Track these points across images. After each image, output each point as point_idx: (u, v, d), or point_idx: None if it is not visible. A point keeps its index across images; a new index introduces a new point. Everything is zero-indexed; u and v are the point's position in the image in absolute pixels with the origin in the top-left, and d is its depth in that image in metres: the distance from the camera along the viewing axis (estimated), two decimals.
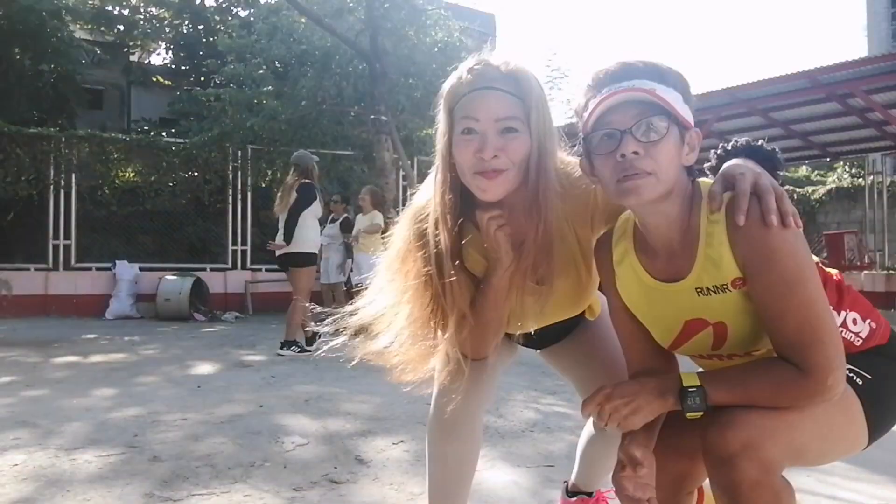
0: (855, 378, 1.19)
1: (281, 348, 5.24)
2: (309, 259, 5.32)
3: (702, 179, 1.23)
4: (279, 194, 5.50)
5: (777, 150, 1.25)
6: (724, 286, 1.14)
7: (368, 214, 6.97)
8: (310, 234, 5.30)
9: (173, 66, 17.20)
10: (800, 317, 1.07)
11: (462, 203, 1.34)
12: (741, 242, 1.11)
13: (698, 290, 1.17)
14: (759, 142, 1.26)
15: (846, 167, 16.57)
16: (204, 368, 4.71)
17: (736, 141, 1.28)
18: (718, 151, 1.29)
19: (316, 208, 5.33)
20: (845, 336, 1.20)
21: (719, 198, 1.14)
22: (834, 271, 1.29)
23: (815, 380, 1.06)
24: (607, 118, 1.11)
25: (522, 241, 1.34)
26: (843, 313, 1.23)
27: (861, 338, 1.23)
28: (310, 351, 5.08)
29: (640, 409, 1.14)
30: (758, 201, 1.11)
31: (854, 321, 1.24)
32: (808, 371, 1.06)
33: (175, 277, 8.96)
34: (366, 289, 1.48)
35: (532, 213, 1.30)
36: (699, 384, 1.11)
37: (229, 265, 10.22)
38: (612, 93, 1.10)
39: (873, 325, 1.25)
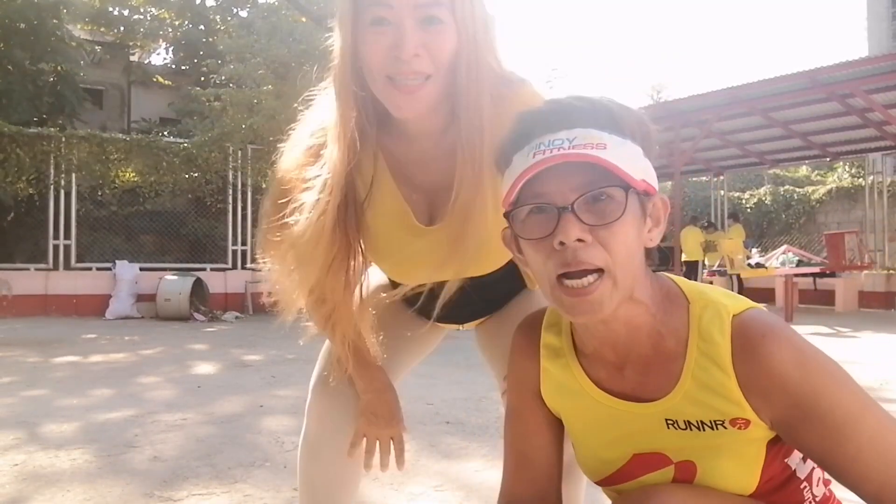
0: None
1: None
2: None
3: (669, 275, 0.93)
4: None
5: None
6: (719, 422, 0.83)
7: None
8: None
9: (173, 66, 17.24)
10: (886, 454, 0.78)
11: (371, 117, 1.06)
12: (764, 391, 0.80)
13: (670, 422, 0.86)
14: None
15: (846, 167, 16.59)
16: (204, 368, 4.72)
17: None
18: None
19: None
20: (804, 495, 0.90)
21: None
22: None
23: None
24: (538, 187, 0.79)
25: (439, 186, 1.08)
26: (815, 467, 0.91)
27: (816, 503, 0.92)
28: None
29: None
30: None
31: (819, 482, 0.92)
32: None
33: (175, 277, 8.97)
34: None
35: (458, 139, 1.01)
36: None
37: (229, 265, 10.22)
38: (543, 159, 0.77)
39: (828, 495, 0.94)
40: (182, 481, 2.20)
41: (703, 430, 0.84)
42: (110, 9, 15.90)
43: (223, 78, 11.09)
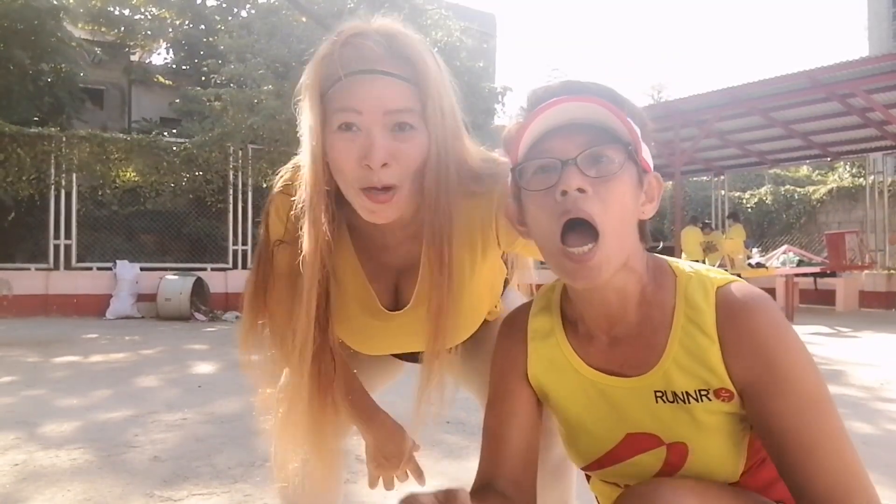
0: None
1: None
2: None
3: (661, 256, 0.98)
4: None
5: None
6: (704, 393, 0.86)
7: None
8: None
9: (174, 66, 17.22)
10: (838, 456, 0.79)
11: (341, 207, 1.05)
12: (743, 353, 0.83)
13: (659, 394, 0.88)
14: None
15: (847, 167, 16.57)
16: (204, 368, 4.72)
17: None
18: None
19: None
20: None
21: None
22: None
23: None
24: (545, 144, 0.84)
25: (405, 266, 1.08)
26: None
27: None
28: None
29: None
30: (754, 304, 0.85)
31: None
32: None
33: (176, 277, 8.97)
34: None
35: (427, 238, 0.99)
36: None
37: (230, 265, 10.22)
38: (552, 102, 0.82)
39: None
40: (182, 481, 2.20)
41: (689, 402, 0.86)
42: (110, 9, 15.89)
43: (223, 78, 11.08)
